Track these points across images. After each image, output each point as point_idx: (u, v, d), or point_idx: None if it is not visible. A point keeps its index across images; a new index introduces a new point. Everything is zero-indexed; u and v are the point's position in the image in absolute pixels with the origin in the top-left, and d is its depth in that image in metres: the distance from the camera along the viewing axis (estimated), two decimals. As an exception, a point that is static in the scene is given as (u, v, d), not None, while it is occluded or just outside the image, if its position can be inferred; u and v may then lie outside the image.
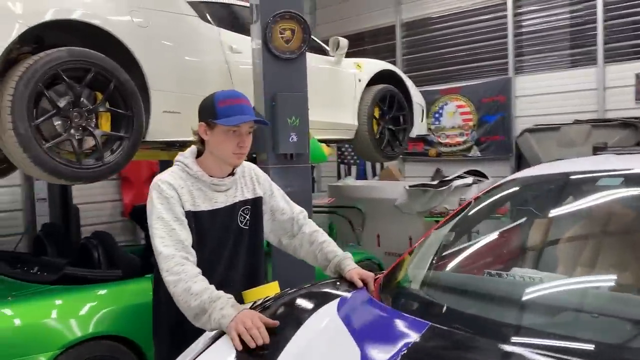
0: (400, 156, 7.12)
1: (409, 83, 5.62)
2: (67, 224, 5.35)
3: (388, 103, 5.23)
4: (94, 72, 3.11)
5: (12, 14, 2.86)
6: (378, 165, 8.36)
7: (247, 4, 4.15)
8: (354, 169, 8.70)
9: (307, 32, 3.22)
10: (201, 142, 2.14)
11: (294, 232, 2.34)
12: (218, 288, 2.01)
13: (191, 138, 3.62)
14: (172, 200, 2.01)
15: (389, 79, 5.39)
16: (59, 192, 5.30)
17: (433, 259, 2.17)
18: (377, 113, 5.15)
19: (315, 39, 4.93)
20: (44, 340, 2.93)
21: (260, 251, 2.32)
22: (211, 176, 2.12)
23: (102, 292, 3.31)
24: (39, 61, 2.93)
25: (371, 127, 5.07)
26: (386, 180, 7.48)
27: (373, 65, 5.30)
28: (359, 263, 2.26)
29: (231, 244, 2.17)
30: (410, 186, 5.79)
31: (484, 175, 6.02)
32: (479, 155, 7.64)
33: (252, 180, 2.29)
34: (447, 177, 6.10)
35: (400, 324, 1.65)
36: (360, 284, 2.12)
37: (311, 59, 4.68)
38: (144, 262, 4.12)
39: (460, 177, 5.81)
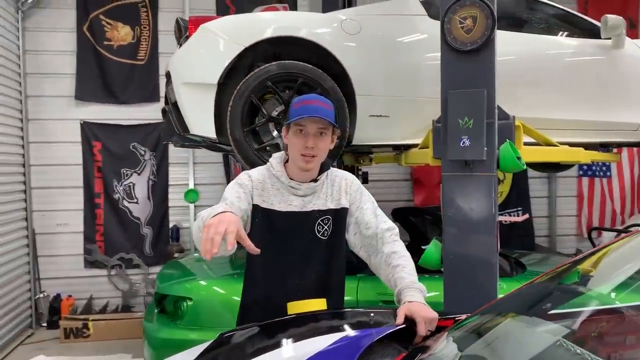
0: None
1: None
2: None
3: None
4: (300, 81, 3.40)
5: (228, 40, 3.39)
6: None
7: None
8: None
9: (492, 18, 2.70)
10: (286, 147, 2.16)
11: (377, 249, 2.09)
12: (281, 290, 2.03)
13: (405, 141, 3.58)
14: (242, 188, 2.07)
15: None
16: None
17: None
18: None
19: (586, 17, 4.02)
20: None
21: (337, 263, 2.17)
22: (291, 179, 2.10)
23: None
24: (252, 75, 3.38)
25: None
26: None
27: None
28: None
29: (302, 251, 2.11)
30: None
31: None
32: None
33: (340, 190, 2.17)
34: None
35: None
36: (400, 320, 1.75)
37: (573, 44, 3.89)
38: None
39: None
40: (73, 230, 6.07)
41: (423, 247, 3.11)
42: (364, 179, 6.32)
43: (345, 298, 3.20)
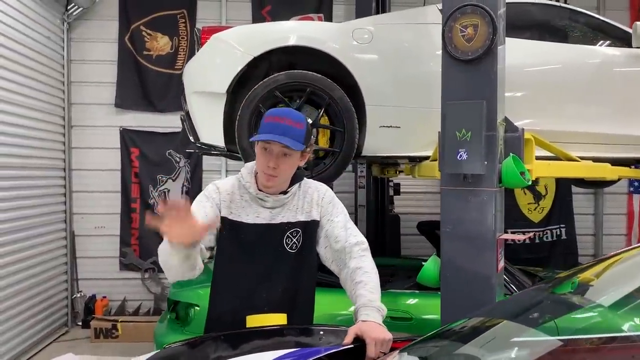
0: None
1: None
2: (383, 231, 5.80)
3: None
4: (309, 91, 3.37)
5: (238, 50, 3.41)
6: None
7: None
8: None
9: (493, 26, 2.57)
10: None
11: (345, 264, 2.02)
12: (247, 304, 2.00)
13: (415, 153, 3.49)
14: (208, 201, 2.05)
15: None
16: (375, 200, 5.79)
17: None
18: None
19: (617, 24, 3.78)
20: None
21: (306, 277, 2.11)
22: (259, 190, 2.07)
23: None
24: (260, 85, 3.39)
25: None
26: None
27: None
28: None
29: (270, 264, 2.05)
30: None
31: None
32: None
33: (312, 202, 2.11)
34: None
35: None
36: (348, 340, 1.68)
37: (594, 52, 3.67)
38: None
39: None
40: (110, 233, 6.29)
41: (423, 263, 3.00)
42: (396, 191, 6.22)
43: (351, 311, 3.12)
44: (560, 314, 1.75)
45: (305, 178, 2.18)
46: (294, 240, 2.06)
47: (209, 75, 3.48)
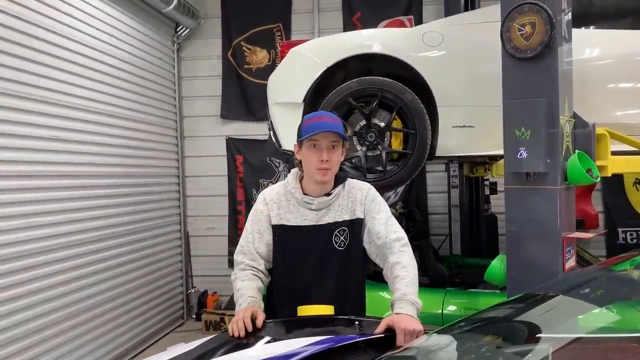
0: None
1: None
2: (478, 231, 5.71)
3: None
4: (380, 96, 3.51)
5: (313, 61, 3.63)
6: None
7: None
8: None
9: (551, 23, 2.53)
10: (300, 163, 2.31)
11: (386, 259, 2.16)
12: (302, 300, 2.21)
13: (489, 152, 3.52)
14: (260, 215, 2.29)
15: None
16: (469, 199, 5.71)
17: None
18: None
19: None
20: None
21: (355, 271, 2.28)
22: (305, 194, 2.26)
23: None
24: (334, 93, 3.59)
25: None
26: None
27: None
28: None
29: (318, 262, 2.24)
30: None
31: None
32: None
33: (356, 201, 2.27)
34: None
35: None
36: (380, 329, 1.82)
37: None
38: (452, 275, 4.14)
39: None
40: (219, 233, 6.83)
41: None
42: (492, 190, 6.08)
43: (432, 311, 3.30)
44: (619, 288, 1.77)
45: (349, 178, 2.34)
46: (342, 238, 2.23)
47: (288, 86, 3.75)
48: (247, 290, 2.15)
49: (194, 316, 6.60)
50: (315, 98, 3.75)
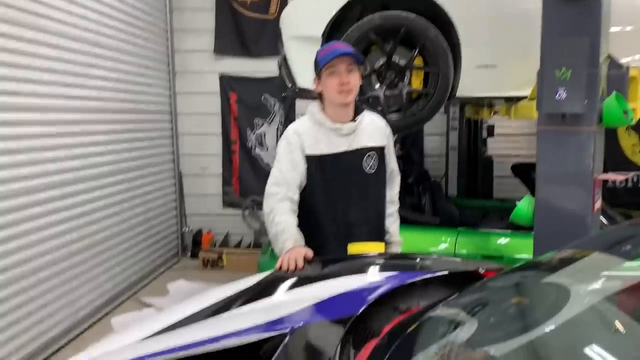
0: None
1: None
2: (475, 173, 5.77)
3: None
4: (403, 31, 3.40)
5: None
6: None
7: None
8: None
9: (599, -43, 2.45)
10: (320, 96, 2.37)
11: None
12: (346, 227, 2.28)
13: (511, 93, 3.48)
14: (292, 147, 2.31)
15: None
16: (467, 142, 5.73)
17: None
18: None
19: None
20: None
21: (383, 193, 2.45)
22: (333, 122, 2.31)
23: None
24: (355, 27, 3.46)
25: None
26: None
27: None
28: None
29: (357, 187, 2.32)
30: None
31: None
32: None
33: (379, 130, 2.46)
34: None
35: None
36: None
37: None
38: (463, 215, 4.20)
39: None
40: (213, 173, 6.74)
41: (516, 203, 3.04)
42: (490, 132, 6.10)
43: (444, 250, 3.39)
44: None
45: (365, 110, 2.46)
46: (371, 162, 2.36)
47: (306, 19, 3.59)
48: (291, 226, 2.19)
49: (189, 254, 6.60)
50: (331, 33, 3.62)
